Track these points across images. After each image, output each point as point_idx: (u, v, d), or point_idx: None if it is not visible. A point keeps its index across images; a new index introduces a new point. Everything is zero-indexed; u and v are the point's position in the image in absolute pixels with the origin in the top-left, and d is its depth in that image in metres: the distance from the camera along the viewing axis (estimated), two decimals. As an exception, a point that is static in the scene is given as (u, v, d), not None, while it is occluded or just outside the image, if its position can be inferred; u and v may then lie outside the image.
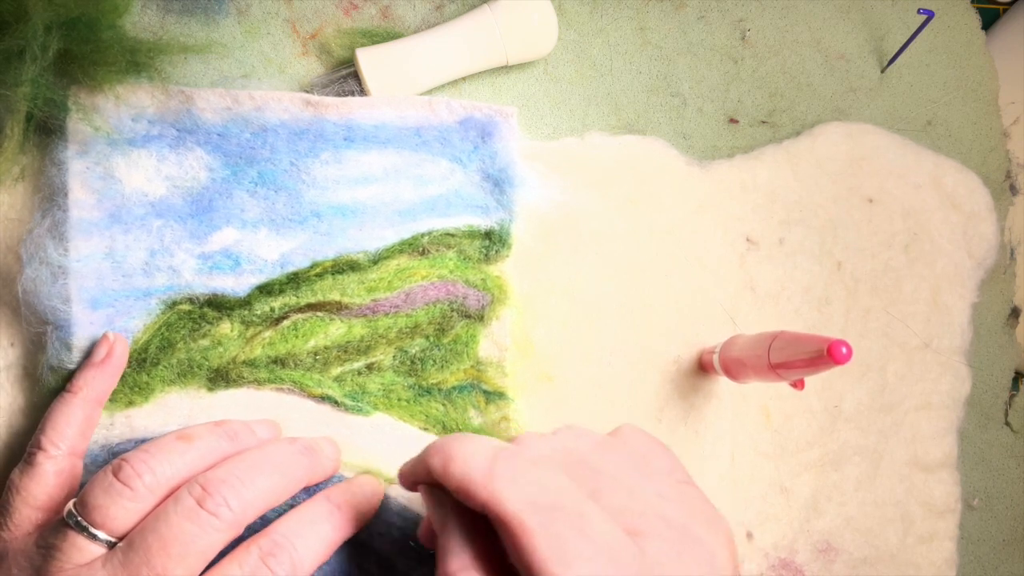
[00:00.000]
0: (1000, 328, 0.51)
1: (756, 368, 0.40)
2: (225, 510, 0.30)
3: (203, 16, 0.42)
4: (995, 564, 0.51)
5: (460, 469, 0.26)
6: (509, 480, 0.25)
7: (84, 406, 0.36)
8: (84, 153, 0.38)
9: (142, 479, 0.30)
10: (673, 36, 0.48)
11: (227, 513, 0.30)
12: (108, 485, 0.30)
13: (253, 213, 0.40)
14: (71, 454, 0.35)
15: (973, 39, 0.51)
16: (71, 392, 0.36)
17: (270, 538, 0.31)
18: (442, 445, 0.27)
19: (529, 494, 0.24)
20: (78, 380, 0.36)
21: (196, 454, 0.32)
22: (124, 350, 0.38)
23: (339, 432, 0.39)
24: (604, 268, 0.45)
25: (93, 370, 0.36)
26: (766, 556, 0.47)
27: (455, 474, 0.26)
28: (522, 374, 0.43)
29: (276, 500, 0.32)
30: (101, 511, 0.30)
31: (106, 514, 0.30)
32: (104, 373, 0.37)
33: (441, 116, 0.42)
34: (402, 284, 0.41)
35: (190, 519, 0.29)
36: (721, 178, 0.47)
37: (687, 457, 0.46)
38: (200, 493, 0.30)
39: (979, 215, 0.50)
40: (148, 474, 0.30)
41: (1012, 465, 0.51)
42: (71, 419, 0.35)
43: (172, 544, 0.29)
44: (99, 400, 0.37)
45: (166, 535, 0.29)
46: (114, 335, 0.37)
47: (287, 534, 0.31)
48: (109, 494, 0.30)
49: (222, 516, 0.30)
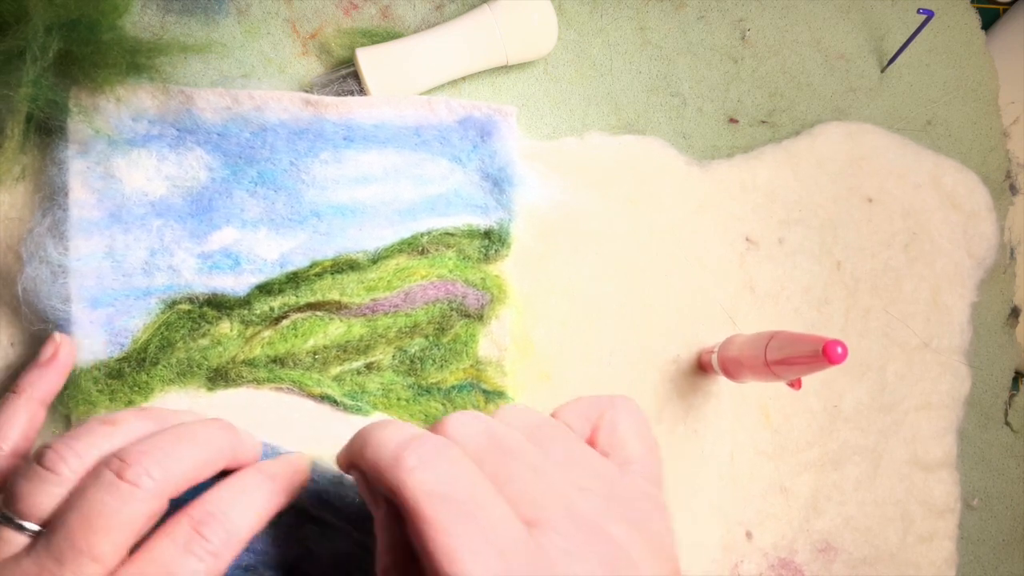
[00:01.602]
0: (1000, 328, 0.51)
1: (753, 368, 0.40)
2: (146, 479, 0.28)
3: (203, 16, 0.42)
4: (995, 564, 0.51)
5: (371, 454, 0.26)
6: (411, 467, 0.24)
7: (28, 406, 0.35)
8: (84, 153, 0.38)
9: (67, 463, 0.29)
10: (673, 36, 0.48)
11: (148, 482, 0.28)
12: (32, 473, 0.29)
13: (253, 213, 0.40)
14: (13, 454, 0.34)
15: (973, 39, 0.51)
16: (15, 392, 0.35)
17: (202, 508, 0.30)
18: (363, 431, 0.27)
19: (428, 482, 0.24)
20: (22, 380, 0.36)
21: (122, 437, 0.31)
22: (70, 351, 0.37)
23: (338, 431, 0.39)
24: (604, 268, 0.45)
25: (38, 370, 0.36)
26: (766, 556, 0.47)
27: (368, 460, 0.26)
28: (521, 374, 0.43)
29: (199, 472, 0.31)
30: (25, 499, 0.29)
31: (30, 502, 0.29)
32: (49, 374, 0.36)
33: (440, 115, 0.42)
34: (401, 284, 0.41)
35: (109, 492, 0.28)
36: (721, 178, 0.47)
37: (687, 457, 0.46)
38: (119, 465, 0.28)
39: (979, 215, 0.50)
40: (73, 457, 0.29)
41: (1012, 465, 0.51)
42: (14, 420, 0.35)
43: (94, 519, 0.27)
44: (43, 401, 0.36)
45: (86, 511, 0.28)
46: (60, 336, 0.37)
47: (219, 503, 0.30)
48: (32, 481, 0.29)
49: (143, 485, 0.28)
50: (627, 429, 0.30)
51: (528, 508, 0.25)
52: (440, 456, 0.25)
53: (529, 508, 0.25)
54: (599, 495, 0.27)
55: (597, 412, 0.30)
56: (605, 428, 0.30)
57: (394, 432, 0.26)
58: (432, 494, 0.24)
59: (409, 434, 0.26)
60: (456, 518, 0.23)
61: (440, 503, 0.24)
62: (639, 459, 0.29)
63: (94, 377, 0.38)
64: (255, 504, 0.31)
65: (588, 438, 0.30)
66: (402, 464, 0.25)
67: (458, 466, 0.25)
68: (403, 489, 0.24)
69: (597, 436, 0.30)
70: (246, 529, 0.30)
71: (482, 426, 0.27)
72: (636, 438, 0.30)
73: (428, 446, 0.25)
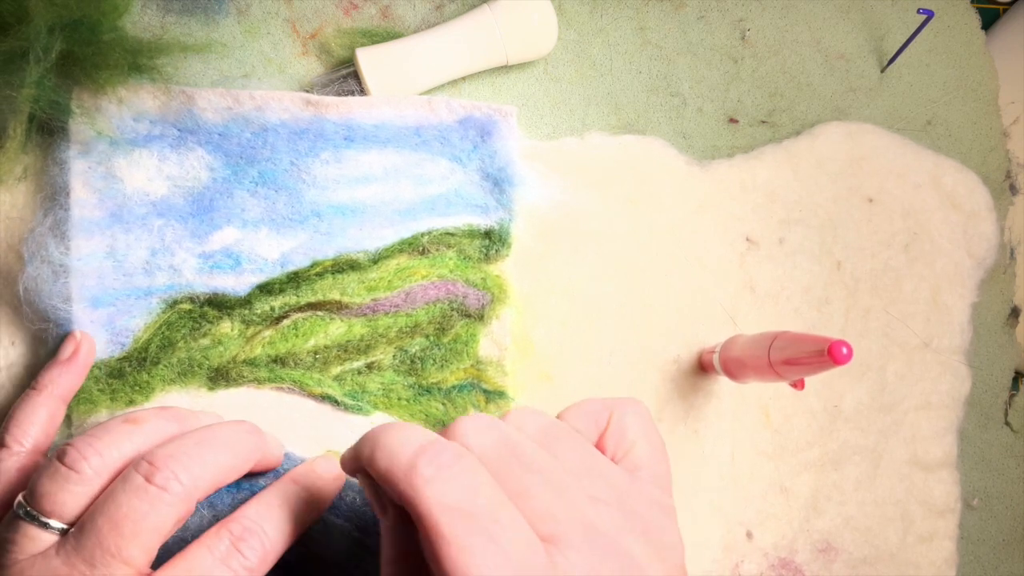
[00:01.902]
0: (1000, 328, 0.51)
1: (756, 368, 0.40)
2: (175, 483, 0.29)
3: (203, 16, 0.42)
4: (995, 564, 0.51)
5: (383, 460, 0.25)
6: (428, 478, 0.24)
7: (48, 403, 0.35)
8: (86, 153, 0.38)
9: (88, 462, 0.30)
10: (673, 36, 0.48)
11: (177, 487, 0.29)
12: (54, 471, 0.30)
13: (254, 212, 0.40)
14: (34, 451, 0.34)
15: (973, 39, 0.51)
16: (36, 389, 0.36)
17: (239, 523, 0.30)
18: (372, 434, 0.26)
19: (445, 495, 0.23)
20: (43, 377, 0.36)
21: (144, 437, 0.32)
22: (91, 348, 0.37)
23: (339, 431, 0.40)
24: (604, 268, 0.45)
25: (59, 368, 0.36)
26: (766, 556, 0.47)
27: (379, 465, 0.25)
28: (522, 373, 0.43)
29: (226, 476, 0.31)
30: (49, 498, 0.29)
31: (54, 500, 0.29)
32: (70, 371, 0.36)
33: (440, 115, 0.42)
34: (402, 283, 0.41)
35: (138, 496, 0.28)
36: (721, 178, 0.47)
37: (687, 457, 0.46)
38: (148, 469, 0.29)
39: (979, 215, 0.50)
40: (95, 456, 0.30)
41: (1012, 465, 0.51)
42: (35, 416, 0.35)
43: (123, 523, 0.28)
44: (64, 398, 0.36)
45: (115, 514, 0.28)
46: (81, 333, 0.37)
47: (256, 518, 0.30)
48: (56, 480, 0.29)
49: (172, 490, 0.29)
50: (636, 433, 0.30)
51: (545, 524, 0.25)
52: (457, 466, 0.24)
53: (546, 524, 0.25)
54: (613, 506, 0.26)
55: (605, 415, 0.30)
56: (614, 432, 0.30)
57: (407, 437, 0.25)
58: (450, 508, 0.23)
59: (423, 440, 0.25)
60: (474, 535, 0.23)
61: (458, 519, 0.23)
62: (648, 463, 0.29)
63: (95, 376, 0.38)
64: (291, 518, 0.31)
65: (596, 441, 0.30)
66: (418, 473, 0.24)
67: (476, 478, 0.24)
68: (419, 501, 0.24)
69: (605, 440, 0.30)
70: (282, 543, 0.31)
71: (496, 433, 0.27)
72: (645, 441, 0.30)
73: (445, 455, 0.24)
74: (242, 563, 0.29)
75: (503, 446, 0.26)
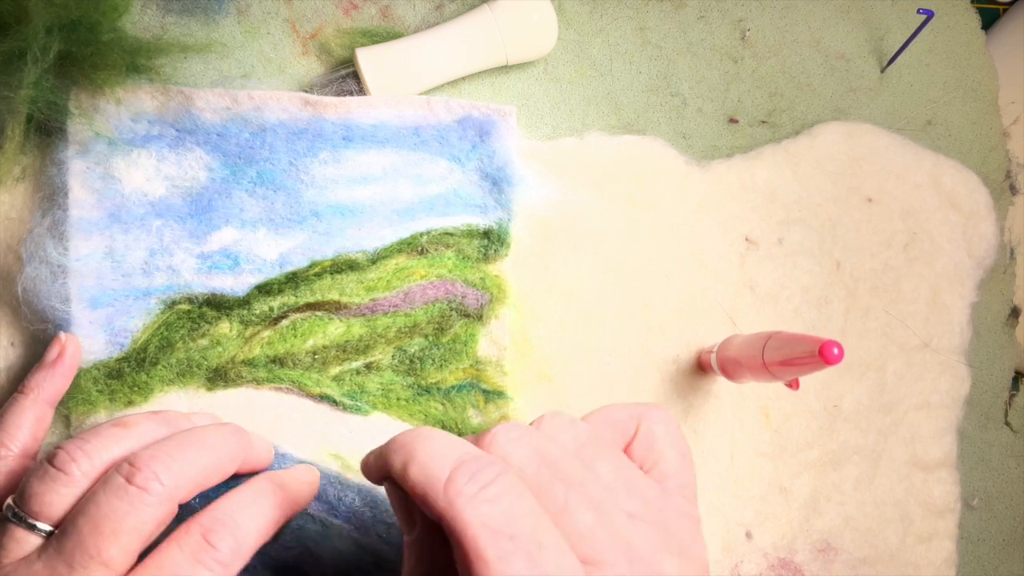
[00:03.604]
0: (1000, 328, 0.51)
1: (751, 368, 0.40)
2: (155, 484, 0.29)
3: (203, 16, 0.42)
4: (995, 564, 0.51)
5: (419, 474, 0.24)
6: (469, 496, 0.23)
7: (35, 407, 0.35)
8: (84, 153, 0.38)
9: (77, 464, 0.30)
10: (673, 36, 0.48)
11: (157, 487, 0.29)
12: (43, 473, 0.29)
13: (252, 213, 0.40)
14: (22, 455, 0.34)
15: (973, 39, 0.51)
16: (22, 393, 0.36)
17: (211, 516, 0.30)
18: (404, 442, 0.25)
19: (487, 516, 0.23)
20: (30, 381, 0.36)
21: (133, 440, 0.31)
22: (76, 350, 0.37)
23: (338, 431, 0.39)
24: (603, 268, 0.45)
25: (45, 371, 0.36)
26: (765, 556, 0.47)
27: (414, 478, 0.24)
28: (521, 373, 0.43)
29: (209, 477, 0.31)
30: (37, 499, 0.29)
31: (42, 502, 0.29)
32: (55, 374, 0.36)
33: (439, 115, 0.42)
34: (401, 283, 0.41)
35: (119, 496, 0.28)
36: (720, 178, 0.47)
37: (686, 457, 0.46)
38: (128, 470, 0.29)
39: (979, 215, 0.50)
40: (84, 459, 0.30)
41: (1012, 465, 0.51)
42: (22, 420, 0.35)
43: (103, 523, 0.28)
44: (50, 401, 0.36)
45: (96, 515, 0.28)
46: (66, 336, 0.37)
47: (229, 511, 0.30)
48: (44, 481, 0.29)
49: (152, 490, 0.28)
50: (664, 442, 0.29)
51: (585, 546, 0.24)
52: (499, 484, 0.24)
53: (586, 546, 0.24)
54: (649, 523, 0.26)
55: (633, 422, 0.30)
56: (642, 441, 0.29)
57: (444, 450, 0.25)
58: (491, 530, 0.23)
59: (461, 454, 0.24)
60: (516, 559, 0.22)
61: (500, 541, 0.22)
62: (676, 473, 0.29)
63: (93, 377, 0.38)
64: (264, 513, 0.31)
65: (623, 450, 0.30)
66: (457, 491, 0.23)
67: (518, 498, 0.24)
68: (459, 521, 0.23)
69: (633, 448, 0.29)
70: (255, 537, 0.30)
71: (533, 445, 0.26)
72: (674, 451, 0.29)
73: (486, 472, 0.24)
74: (214, 556, 0.29)
75: (541, 460, 0.26)
